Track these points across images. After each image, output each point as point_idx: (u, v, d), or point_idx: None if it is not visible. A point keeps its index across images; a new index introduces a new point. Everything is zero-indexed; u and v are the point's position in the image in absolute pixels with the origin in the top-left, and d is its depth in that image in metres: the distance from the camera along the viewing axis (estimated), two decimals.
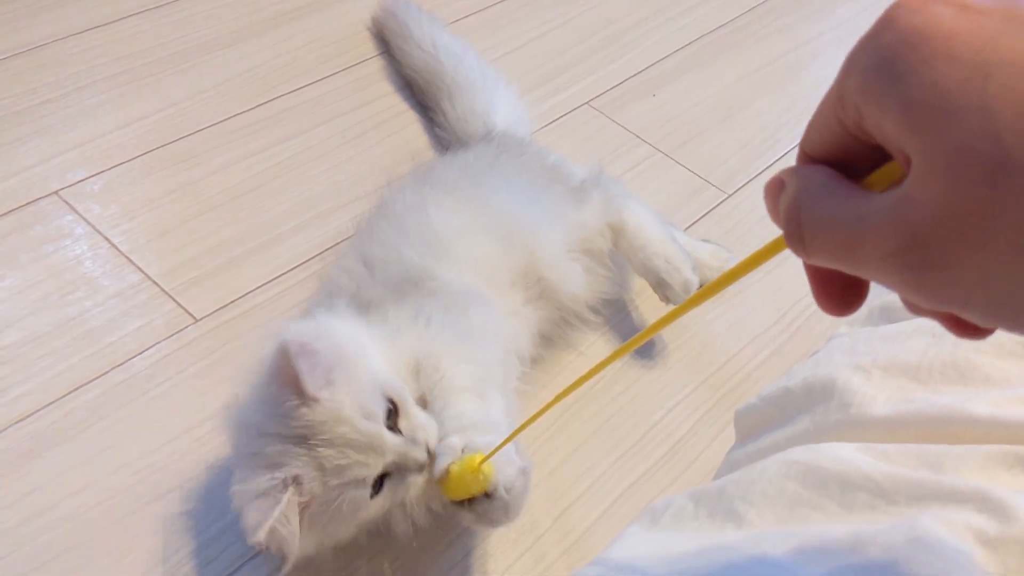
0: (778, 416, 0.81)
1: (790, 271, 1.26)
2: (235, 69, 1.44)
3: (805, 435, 0.74)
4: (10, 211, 1.18)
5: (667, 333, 1.16)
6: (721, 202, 1.36)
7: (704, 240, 1.24)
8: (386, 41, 1.51)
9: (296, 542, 0.75)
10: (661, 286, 1.10)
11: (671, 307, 1.09)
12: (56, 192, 1.21)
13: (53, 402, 1.00)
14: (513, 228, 1.05)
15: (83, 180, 1.23)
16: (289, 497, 0.74)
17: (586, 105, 1.49)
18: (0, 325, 1.06)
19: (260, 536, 0.73)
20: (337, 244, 1.20)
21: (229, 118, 1.36)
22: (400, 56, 1.46)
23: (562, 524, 0.96)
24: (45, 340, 1.05)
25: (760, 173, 1.41)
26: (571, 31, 1.63)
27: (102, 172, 1.24)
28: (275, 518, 0.73)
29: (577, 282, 1.09)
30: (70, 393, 1.00)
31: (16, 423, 0.98)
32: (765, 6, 1.75)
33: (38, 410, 0.99)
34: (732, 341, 1.17)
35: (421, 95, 1.43)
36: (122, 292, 1.11)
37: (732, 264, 1.06)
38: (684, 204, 1.35)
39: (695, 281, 1.09)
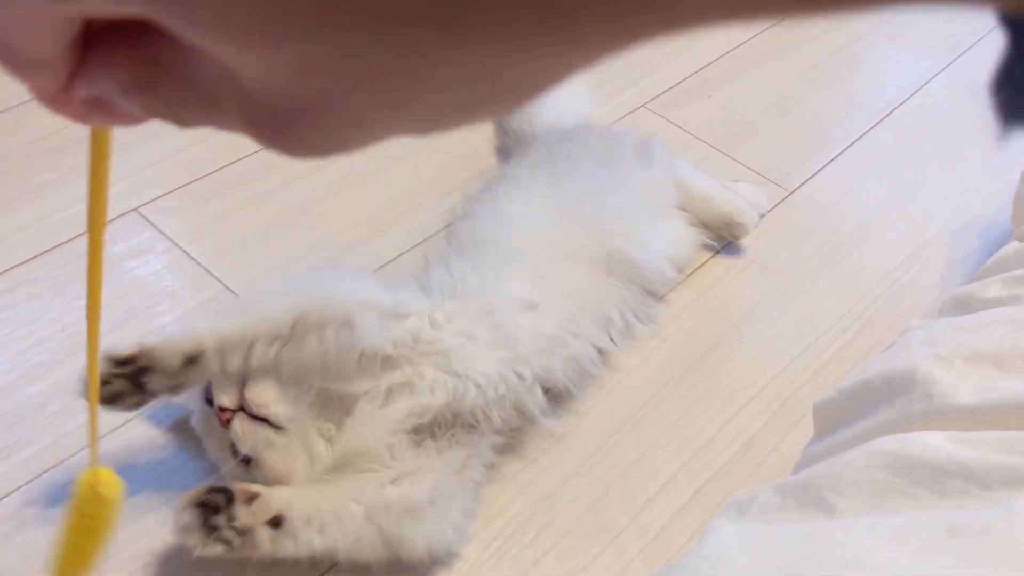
0: (857, 408, 0.82)
1: (853, 266, 1.26)
2: None
3: (887, 426, 0.75)
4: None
5: (733, 330, 1.17)
6: (782, 200, 1.37)
7: (734, 180, 1.31)
8: None
9: None
10: (733, 227, 1.23)
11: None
12: (136, 209, 1.25)
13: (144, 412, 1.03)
14: (590, 206, 1.09)
15: (160, 197, 1.27)
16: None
17: (643, 108, 1.51)
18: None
19: None
20: (403, 254, 1.23)
21: None
22: None
23: (640, 522, 0.98)
24: None
25: (820, 170, 1.42)
26: None
27: (178, 188, 1.28)
28: None
29: (659, 250, 1.12)
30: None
31: (111, 432, 1.01)
32: None
33: (127, 422, 1.02)
34: (800, 337, 1.17)
35: None
36: (203, 304, 1.14)
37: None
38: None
39: (756, 216, 1.23)
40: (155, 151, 1.34)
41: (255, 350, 0.86)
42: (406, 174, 1.34)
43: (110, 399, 0.82)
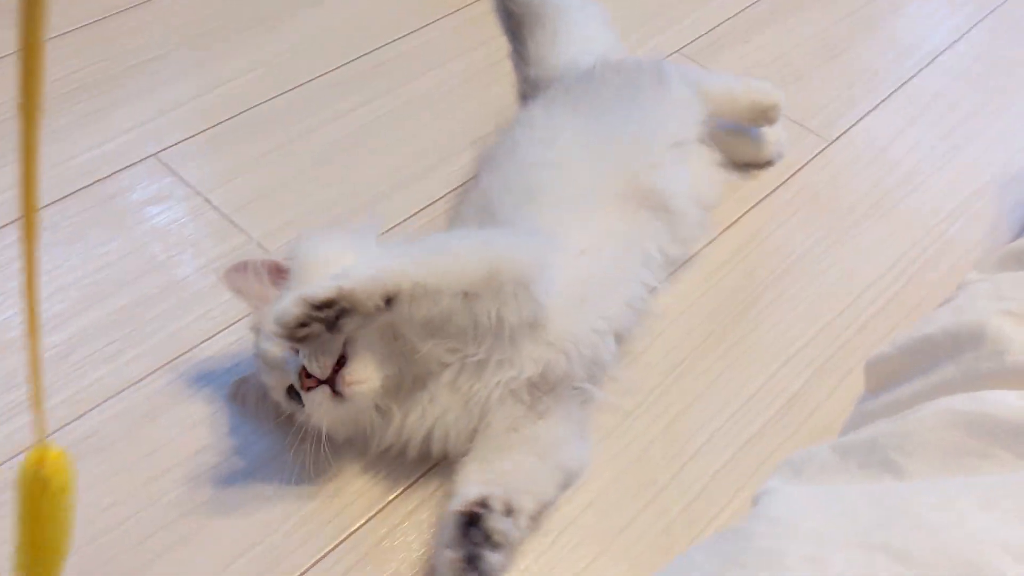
0: (917, 365, 0.78)
1: (899, 218, 1.22)
2: (325, 25, 1.43)
3: (952, 384, 0.72)
4: (112, 174, 1.19)
5: (776, 284, 1.13)
6: (822, 150, 1.31)
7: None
8: None
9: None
10: (768, 111, 1.21)
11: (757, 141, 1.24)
12: (155, 155, 1.21)
13: (166, 364, 1.00)
14: (613, 141, 1.05)
15: (180, 143, 1.23)
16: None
17: (678, 53, 1.45)
18: (111, 287, 1.07)
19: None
20: (433, 203, 1.19)
21: (322, 75, 1.35)
22: None
23: (682, 479, 0.94)
24: (155, 302, 1.06)
25: (863, 117, 1.36)
26: None
27: (198, 134, 1.24)
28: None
29: (686, 174, 1.09)
30: (183, 355, 1.01)
31: (132, 385, 0.98)
32: None
33: (153, 371, 0.99)
34: (844, 292, 1.13)
35: (516, 29, 1.41)
36: (226, 255, 1.11)
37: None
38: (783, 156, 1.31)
39: (783, 94, 1.22)
40: (174, 95, 1.30)
41: (441, 300, 0.82)
42: (430, 124, 1.30)
43: (302, 339, 0.79)
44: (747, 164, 1.27)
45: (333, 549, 0.87)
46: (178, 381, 0.99)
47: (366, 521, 0.89)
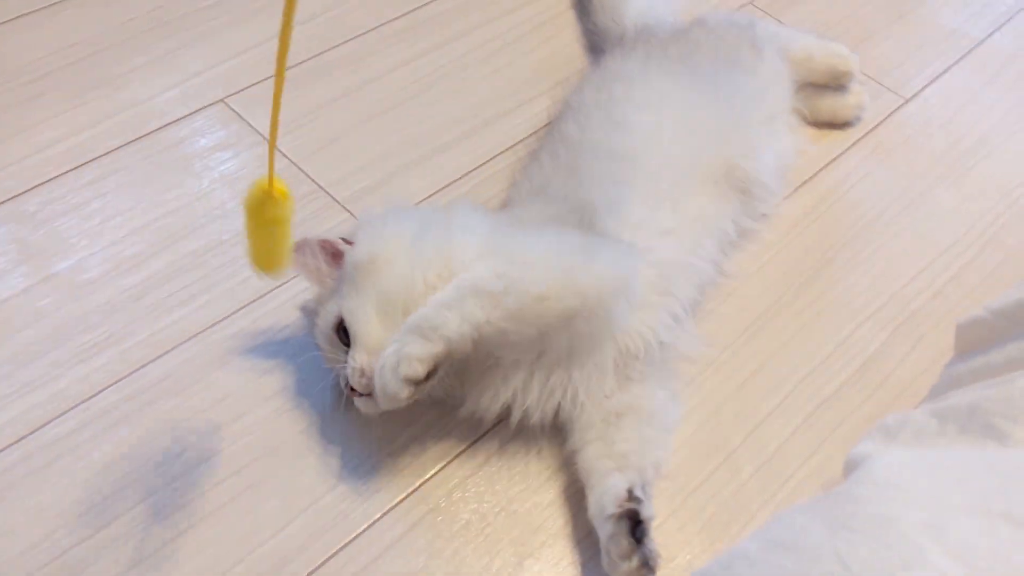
0: (1011, 330, 0.76)
1: (975, 181, 1.19)
2: None
3: None
4: (180, 118, 1.18)
5: (848, 248, 1.11)
6: (898, 108, 1.28)
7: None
8: None
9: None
10: (842, 76, 1.21)
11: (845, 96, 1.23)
12: (223, 100, 1.21)
13: (238, 310, 1.00)
14: (713, 118, 1.03)
15: (248, 88, 1.22)
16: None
17: (750, 5, 1.42)
18: (182, 232, 1.06)
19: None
20: (499, 154, 1.17)
21: (388, 22, 1.33)
22: None
23: (754, 440, 0.94)
24: (225, 248, 1.06)
25: (940, 75, 1.33)
26: None
27: (266, 79, 1.23)
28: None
29: (775, 151, 1.08)
30: (255, 301, 1.01)
31: (205, 330, 0.98)
32: None
33: (225, 317, 0.99)
34: (919, 254, 1.11)
35: None
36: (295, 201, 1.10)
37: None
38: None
39: (857, 59, 1.21)
40: (242, 39, 1.29)
41: (524, 332, 0.82)
42: (493, 75, 1.28)
43: None
44: (826, 123, 1.24)
45: (404, 499, 0.87)
46: (250, 328, 0.99)
47: (436, 472, 0.89)
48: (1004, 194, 1.18)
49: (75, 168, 1.11)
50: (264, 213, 0.69)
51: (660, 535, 0.86)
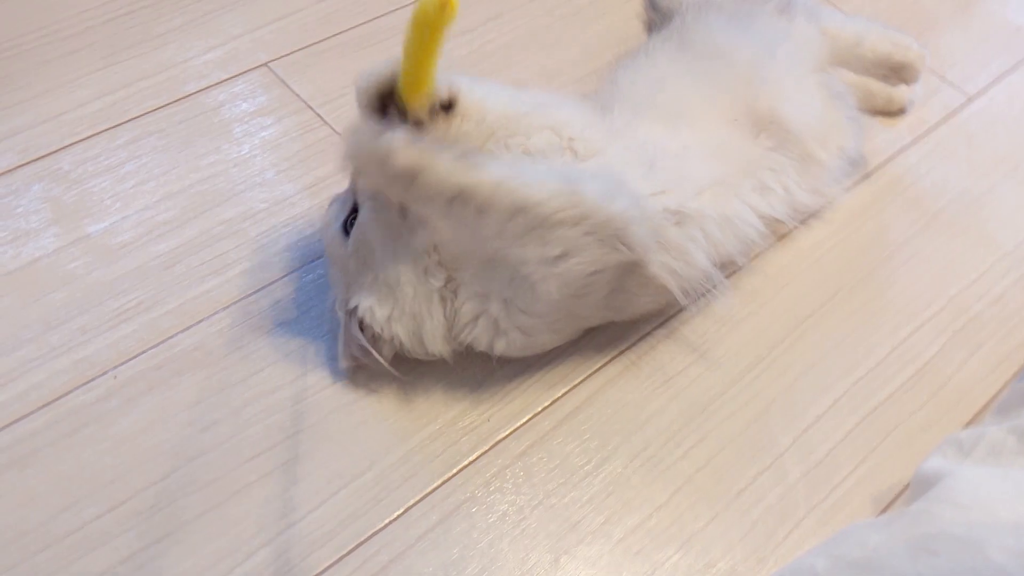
0: None
1: None
2: None
3: None
4: (221, 81, 1.15)
5: (907, 247, 1.06)
6: (961, 106, 1.23)
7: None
8: None
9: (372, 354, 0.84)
10: (899, 69, 1.12)
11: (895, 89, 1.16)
12: (266, 64, 1.17)
13: (275, 281, 0.97)
14: (725, 62, 0.99)
15: (291, 53, 1.19)
16: (345, 326, 0.85)
17: (816, 3, 1.37)
18: (217, 199, 1.03)
19: (342, 364, 0.87)
20: None
21: None
22: None
23: (803, 443, 0.90)
24: (261, 218, 1.02)
25: (1007, 73, 1.28)
26: None
27: (312, 45, 1.20)
28: (341, 348, 0.86)
29: (812, 108, 1.01)
30: (291, 273, 0.97)
31: (239, 300, 0.95)
32: None
33: (260, 288, 0.96)
34: (980, 257, 1.06)
35: None
36: (335, 174, 1.07)
37: None
38: (917, 106, 1.22)
39: (924, 52, 1.12)
40: (286, 3, 1.25)
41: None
42: (548, 52, 1.24)
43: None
44: (877, 111, 1.19)
45: (439, 487, 0.84)
46: (286, 300, 0.95)
47: (473, 460, 0.86)
48: None
49: (110, 128, 1.08)
50: (432, 24, 0.72)
51: (701, 540, 0.82)
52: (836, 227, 1.07)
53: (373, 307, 0.84)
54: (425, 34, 0.73)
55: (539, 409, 0.90)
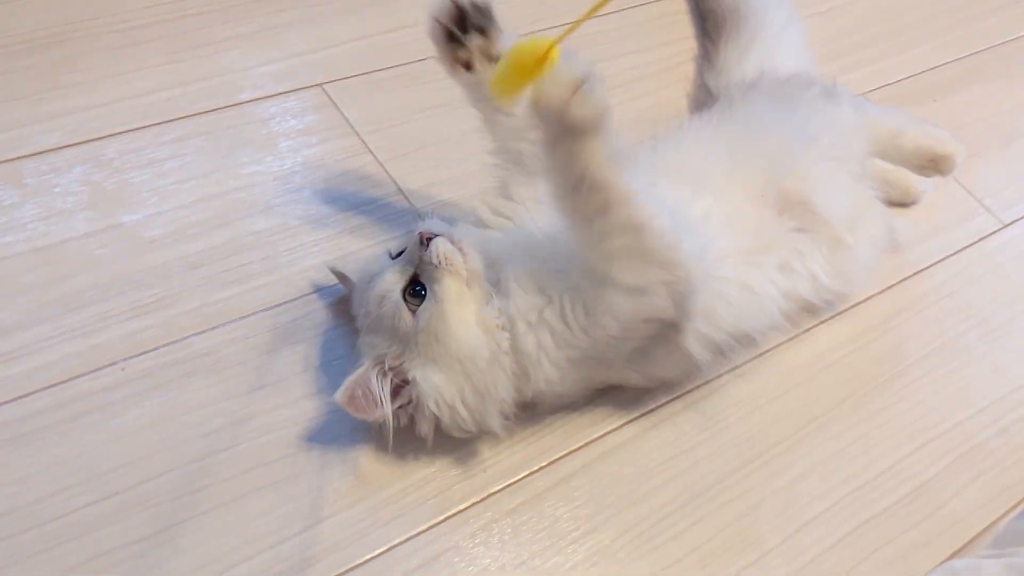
0: None
1: None
2: None
3: None
4: (275, 95, 1.16)
5: (922, 364, 1.07)
6: (994, 232, 1.24)
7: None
8: None
9: (380, 406, 0.82)
10: (939, 162, 1.11)
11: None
12: (321, 85, 1.19)
13: (296, 299, 0.98)
14: (761, 142, 1.00)
15: (348, 78, 1.21)
16: (366, 369, 0.83)
17: (860, 97, 1.39)
18: (252, 209, 1.04)
19: (338, 397, 0.81)
20: None
21: None
22: None
23: (791, 545, 0.89)
24: (293, 234, 1.03)
25: None
26: (857, 14, 1.52)
27: (368, 73, 1.21)
28: (348, 384, 0.82)
29: (844, 195, 1.01)
30: (313, 292, 0.98)
31: (257, 313, 0.96)
32: None
33: (281, 304, 0.97)
34: (991, 387, 1.06)
35: (711, 31, 1.35)
36: (373, 201, 1.08)
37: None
38: (951, 226, 1.23)
39: (962, 148, 1.12)
40: (350, 29, 1.27)
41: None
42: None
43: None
44: (893, 203, 1.20)
45: (426, 530, 0.84)
46: (303, 320, 0.96)
47: (464, 509, 0.86)
48: None
49: (160, 123, 1.10)
50: (527, 64, 0.72)
51: None
52: (856, 333, 1.07)
53: (440, 387, 0.83)
54: (519, 75, 0.73)
55: (536, 467, 0.90)
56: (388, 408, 0.82)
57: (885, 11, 1.54)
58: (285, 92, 1.17)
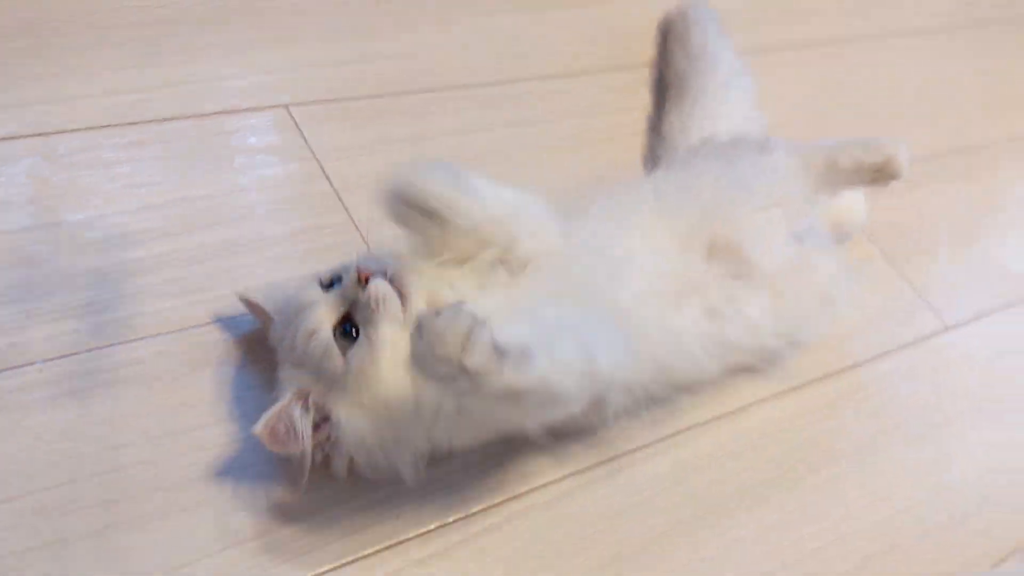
0: None
1: (985, 436, 1.15)
2: (499, 34, 1.39)
3: None
4: (239, 110, 1.15)
5: (852, 457, 1.07)
6: (937, 333, 1.25)
7: None
8: (664, 41, 1.44)
9: (300, 441, 0.80)
10: (882, 167, 1.06)
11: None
12: (287, 106, 1.18)
13: (232, 317, 0.96)
14: (701, 191, 1.01)
15: (315, 103, 1.20)
16: (289, 402, 0.81)
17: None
18: (199, 223, 1.03)
19: (257, 429, 0.79)
20: None
21: (470, 85, 1.31)
22: (666, 56, 1.41)
23: None
24: (237, 252, 1.02)
25: (987, 312, 1.30)
26: (842, 93, 1.55)
27: (336, 100, 1.21)
28: (270, 416, 0.79)
29: (776, 243, 1.01)
30: (250, 314, 0.97)
31: (190, 328, 0.94)
32: None
33: (214, 321, 0.95)
34: (914, 488, 1.06)
35: (664, 97, 1.37)
36: (324, 228, 1.07)
37: None
38: (895, 322, 1.24)
39: (905, 150, 1.07)
40: (326, 53, 1.26)
41: None
42: (552, 169, 1.26)
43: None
44: (836, 227, 1.20)
45: (328, 572, 0.82)
46: (236, 341, 0.94)
47: (372, 552, 0.84)
48: (993, 466, 1.13)
49: (119, 125, 1.08)
50: None
51: None
52: (791, 415, 1.07)
53: (362, 431, 0.81)
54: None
55: (453, 519, 0.88)
56: (308, 444, 0.81)
57: (857, 102, 1.57)
58: (250, 109, 1.16)
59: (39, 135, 1.04)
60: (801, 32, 1.66)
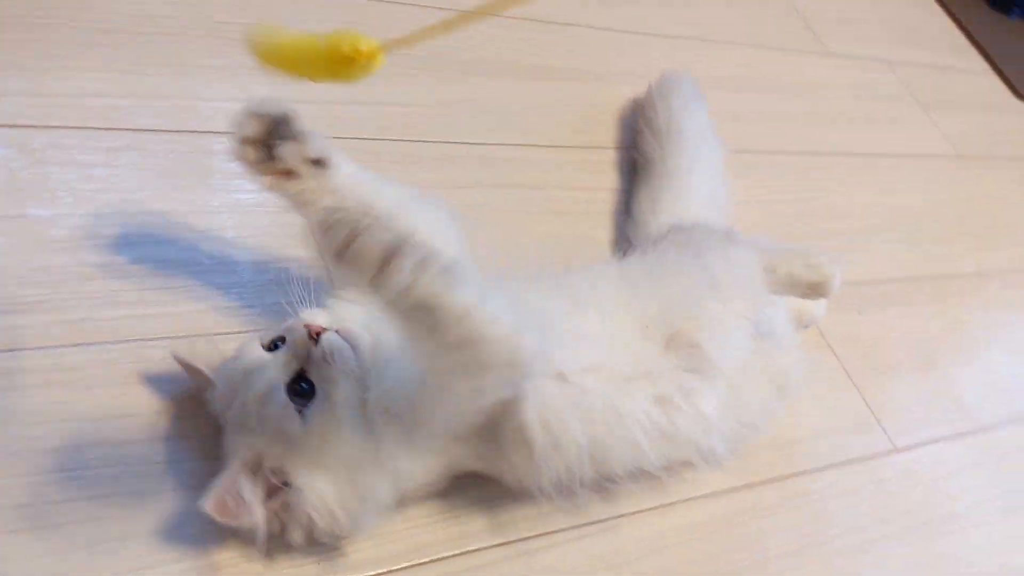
0: None
1: (931, 554, 1.14)
2: (483, 98, 1.39)
3: None
4: (223, 132, 1.11)
5: (779, 564, 1.06)
6: (885, 453, 1.25)
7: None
8: (633, 121, 1.46)
9: (252, 514, 0.77)
10: (814, 287, 1.08)
11: None
12: None
13: (181, 336, 0.94)
14: (664, 281, 1.01)
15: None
16: (236, 473, 0.77)
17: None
18: (168, 236, 1.02)
19: (205, 506, 0.75)
20: None
21: (454, 143, 1.30)
22: (635, 138, 1.42)
23: None
24: (200, 272, 1.00)
25: (937, 440, 1.30)
26: (816, 210, 1.57)
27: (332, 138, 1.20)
28: (218, 489, 0.76)
29: (735, 340, 1.01)
30: (201, 336, 0.95)
31: (135, 341, 0.92)
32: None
33: (162, 338, 0.93)
34: None
35: (633, 181, 1.38)
36: (292, 260, 1.05)
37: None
38: (844, 436, 1.24)
39: (838, 270, 1.09)
40: (318, 90, 1.23)
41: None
42: (517, 238, 1.26)
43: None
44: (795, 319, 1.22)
45: None
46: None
47: None
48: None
49: (99, 128, 1.07)
50: (335, 57, 0.70)
51: None
52: (723, 514, 1.06)
53: (324, 493, 0.79)
54: (317, 63, 0.72)
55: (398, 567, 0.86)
56: (260, 515, 0.77)
57: (836, 212, 1.59)
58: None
59: (15, 126, 1.03)
60: (803, 145, 1.68)
